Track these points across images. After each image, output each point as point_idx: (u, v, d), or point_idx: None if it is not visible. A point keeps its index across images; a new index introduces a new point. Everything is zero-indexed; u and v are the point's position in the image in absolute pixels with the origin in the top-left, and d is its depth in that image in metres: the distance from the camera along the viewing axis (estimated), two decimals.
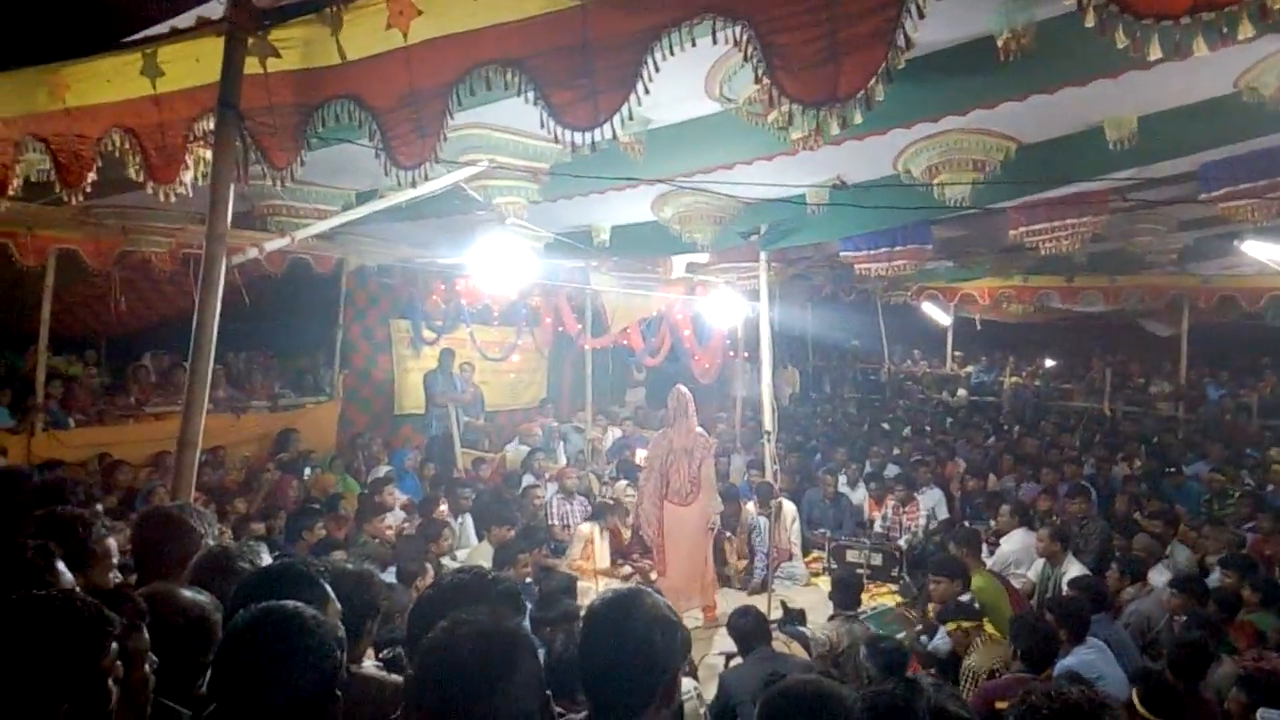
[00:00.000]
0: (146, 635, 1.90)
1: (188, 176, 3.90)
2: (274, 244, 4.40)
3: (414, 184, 3.24)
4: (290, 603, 1.78)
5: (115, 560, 2.64)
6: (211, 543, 2.71)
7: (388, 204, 4.70)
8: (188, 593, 2.17)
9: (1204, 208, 6.97)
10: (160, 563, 2.57)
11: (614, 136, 2.65)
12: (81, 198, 3.83)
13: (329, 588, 2.06)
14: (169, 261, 8.09)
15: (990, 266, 12.55)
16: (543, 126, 3.01)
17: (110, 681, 1.69)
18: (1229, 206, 6.34)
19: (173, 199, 3.72)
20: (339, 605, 2.06)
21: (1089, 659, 4.65)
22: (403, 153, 3.04)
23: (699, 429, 7.80)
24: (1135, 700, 4.04)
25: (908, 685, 1.81)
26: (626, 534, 8.42)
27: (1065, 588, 6.00)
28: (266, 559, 2.78)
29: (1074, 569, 6.37)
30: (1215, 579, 6.13)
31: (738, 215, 7.28)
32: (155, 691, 2.01)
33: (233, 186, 3.52)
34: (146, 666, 1.90)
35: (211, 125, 3.46)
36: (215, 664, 1.75)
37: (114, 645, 1.72)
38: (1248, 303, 11.91)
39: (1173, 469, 9.92)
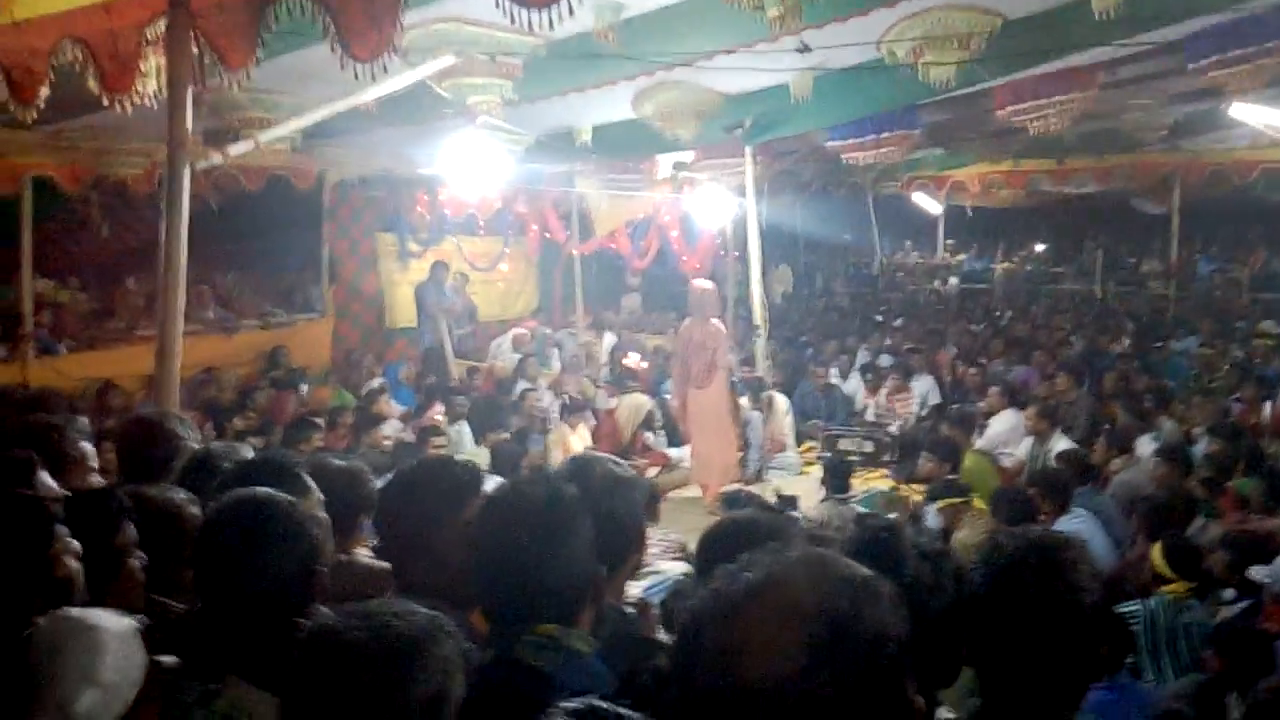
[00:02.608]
0: (132, 530, 1.95)
1: (148, 88, 3.81)
2: (239, 148, 4.33)
3: (373, 78, 3.16)
4: (262, 489, 1.81)
5: (95, 464, 2.66)
6: (195, 446, 2.74)
7: (350, 103, 4.60)
8: (154, 490, 2.22)
9: (1193, 79, 6.87)
10: (144, 469, 2.59)
11: (571, 12, 2.57)
12: (35, 116, 3.74)
13: (309, 479, 2.09)
14: (145, 183, 7.95)
15: (980, 152, 12.40)
16: (511, 20, 2.94)
17: (64, 567, 1.75)
18: (1218, 75, 6.23)
19: (129, 110, 3.64)
20: (320, 495, 2.10)
21: (1075, 526, 4.78)
22: (358, 45, 2.96)
23: (714, 321, 7.97)
24: (1157, 557, 4.19)
25: (890, 527, 1.85)
26: (627, 432, 8.57)
27: (1053, 463, 6.12)
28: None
29: (1061, 444, 6.49)
30: (1201, 449, 6.25)
31: (720, 108, 7.15)
32: (147, 587, 2.07)
33: (191, 91, 3.44)
34: (134, 560, 1.96)
35: (164, 28, 3.36)
36: (194, 556, 1.78)
37: (59, 530, 1.78)
38: (1238, 176, 11.79)
39: (1160, 345, 10.01)
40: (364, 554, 2.46)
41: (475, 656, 1.63)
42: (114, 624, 1.70)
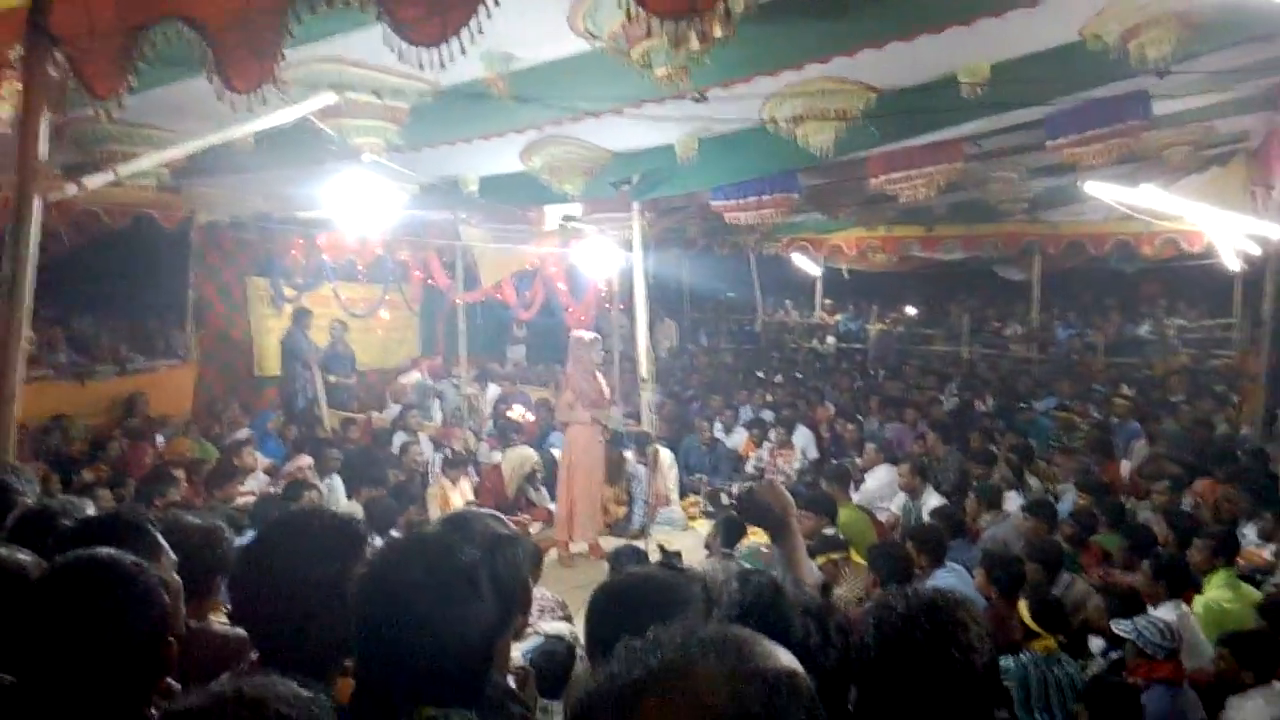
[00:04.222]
0: None
1: (4, 112, 3.56)
2: (96, 180, 4.05)
3: (253, 109, 3.00)
4: (105, 549, 1.62)
5: None
6: (29, 501, 2.49)
7: (224, 136, 4.40)
8: (3, 550, 1.98)
9: (1052, 155, 7.33)
10: None
11: (463, 51, 2.51)
12: None
13: (161, 538, 1.91)
14: None
15: (856, 218, 12.90)
16: (399, 57, 2.85)
17: None
18: (1074, 153, 6.65)
19: None
20: (174, 557, 1.91)
21: (948, 580, 4.88)
22: (237, 76, 2.81)
23: (596, 373, 8.06)
24: (1024, 613, 4.28)
25: (773, 584, 1.80)
26: (512, 487, 8.41)
27: (926, 518, 6.28)
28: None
29: (933, 500, 6.69)
30: (1066, 505, 6.53)
31: (608, 165, 7.19)
32: None
33: (49, 120, 3.21)
34: None
35: (22, 52, 3.14)
36: (19, 622, 1.57)
37: None
38: (1094, 247, 12.59)
39: (1024, 405, 10.51)
40: (218, 620, 2.27)
41: None
42: None
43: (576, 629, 4.50)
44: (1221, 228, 8.81)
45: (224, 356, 10.64)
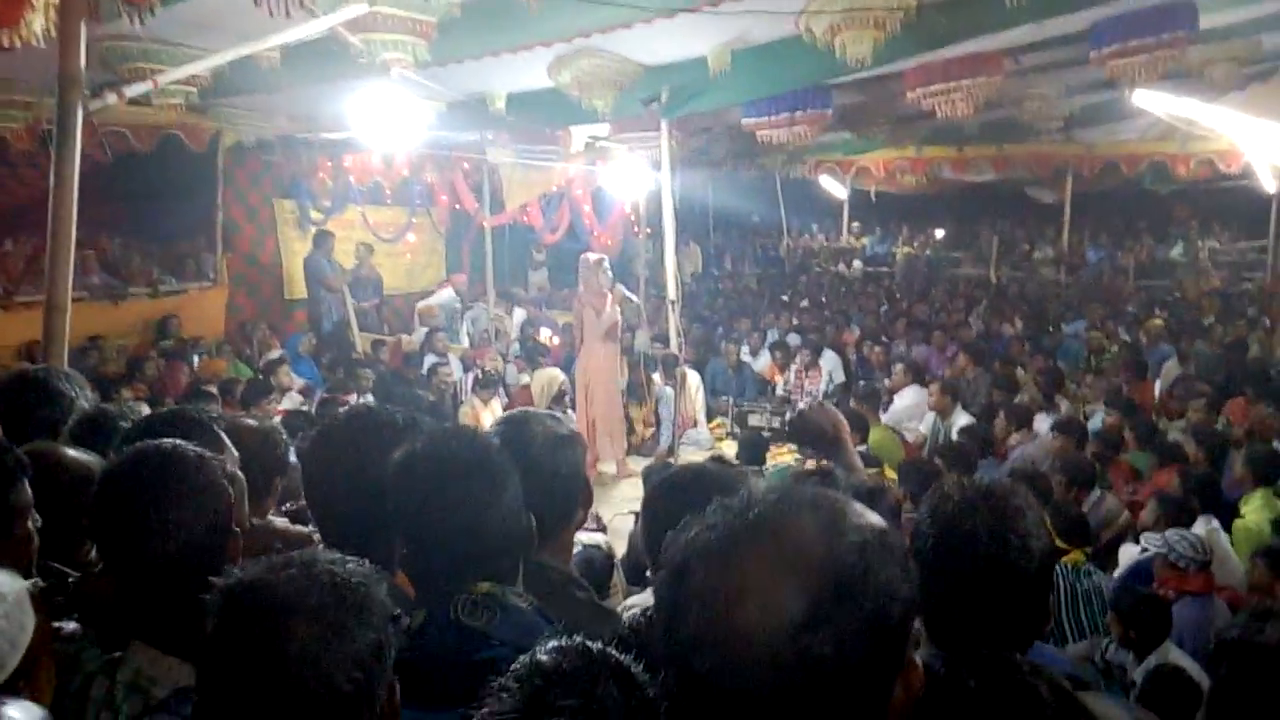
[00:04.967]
0: (28, 489, 1.77)
1: (36, 24, 3.52)
2: (136, 88, 4.04)
3: (287, 13, 2.96)
4: (169, 440, 1.63)
5: None
6: (86, 405, 2.53)
7: (259, 46, 4.35)
8: (72, 450, 2.03)
9: (1092, 70, 7.13)
10: (29, 428, 2.33)
11: None
12: None
13: (223, 435, 1.94)
14: (26, 139, 7.41)
15: (886, 138, 12.65)
16: None
17: None
18: (1117, 65, 6.46)
19: (17, 45, 3.34)
20: (236, 454, 1.95)
21: None
22: None
23: (605, 292, 8.09)
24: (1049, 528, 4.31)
25: (824, 470, 1.83)
26: (541, 408, 8.49)
27: (955, 437, 6.30)
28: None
29: (962, 420, 6.70)
30: (1096, 424, 6.52)
31: (638, 79, 7.07)
32: (41, 554, 1.90)
33: (85, 25, 3.18)
34: (29, 523, 1.78)
35: None
36: (93, 512, 1.60)
37: None
38: (1128, 168, 12.33)
39: (1052, 329, 10.42)
40: (277, 520, 2.33)
41: (405, 619, 1.55)
42: (1, 583, 1.55)
43: (611, 540, 4.60)
44: (1262, 148, 8.58)
45: (253, 279, 10.70)
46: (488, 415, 8.06)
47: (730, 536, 0.83)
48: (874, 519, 0.87)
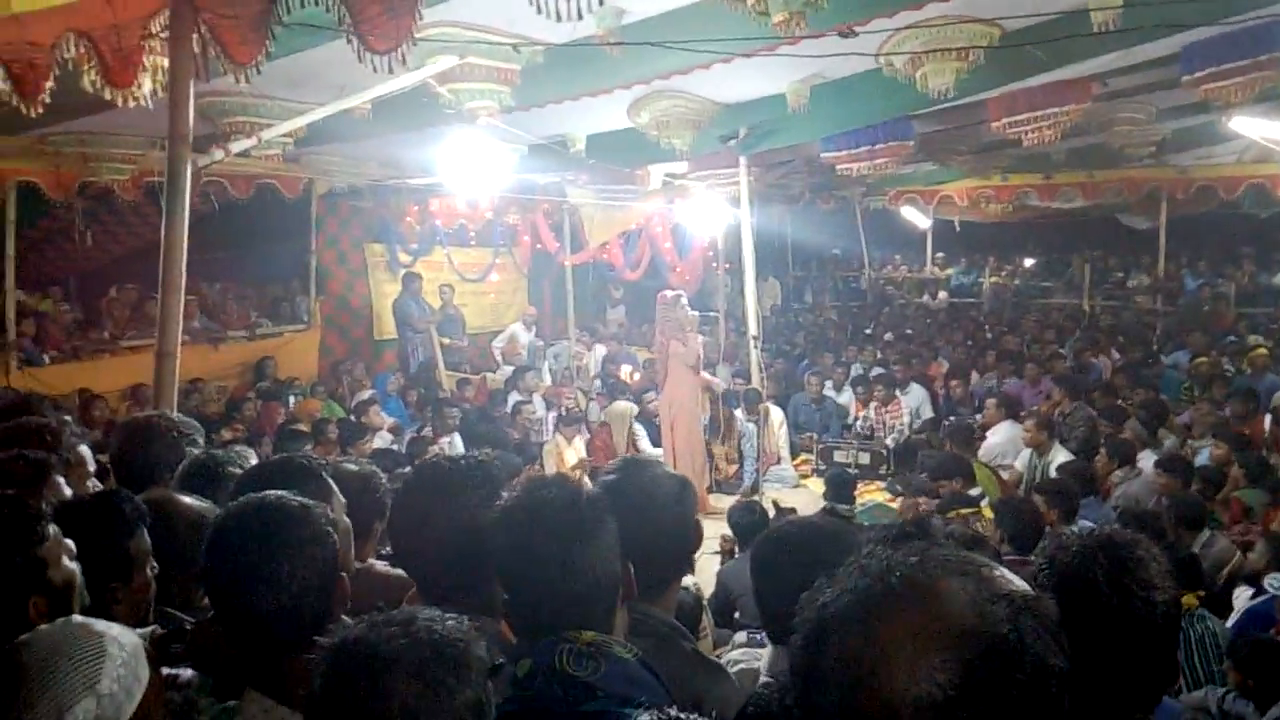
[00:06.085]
0: (147, 537, 1.84)
1: (146, 86, 3.72)
2: (240, 145, 4.23)
3: (390, 70, 3.06)
4: (275, 492, 1.69)
5: (92, 468, 2.53)
6: (197, 451, 2.62)
7: (354, 101, 4.52)
8: (188, 498, 2.10)
9: (1183, 95, 6.90)
10: (142, 474, 2.45)
11: (579, 16, 2.50)
12: (40, 109, 3.62)
13: (331, 481, 1.99)
14: (131, 190, 7.84)
15: (969, 167, 12.44)
16: (537, 10, 2.82)
17: (59, 569, 1.66)
18: (1211, 88, 6.25)
19: (130, 105, 3.54)
20: (343, 499, 1.99)
21: None
22: (375, 36, 2.87)
23: (686, 330, 8.04)
24: None
25: (919, 522, 1.78)
26: (622, 441, 8.53)
27: (1054, 473, 6.08)
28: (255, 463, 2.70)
29: (1061, 456, 6.46)
30: (1202, 459, 6.22)
31: (716, 117, 7.12)
32: (158, 600, 1.96)
33: (193, 85, 3.35)
34: (148, 570, 1.85)
35: (167, 21, 3.28)
36: (206, 563, 1.65)
37: (52, 530, 1.68)
38: (1225, 191, 11.86)
39: (1152, 359, 10.02)
40: (378, 563, 2.37)
41: (509, 667, 1.55)
42: (120, 634, 1.60)
43: (699, 580, 4.56)
44: None
45: (344, 321, 11.04)
46: (571, 453, 8.13)
47: (871, 601, 0.80)
48: (1021, 585, 0.83)
